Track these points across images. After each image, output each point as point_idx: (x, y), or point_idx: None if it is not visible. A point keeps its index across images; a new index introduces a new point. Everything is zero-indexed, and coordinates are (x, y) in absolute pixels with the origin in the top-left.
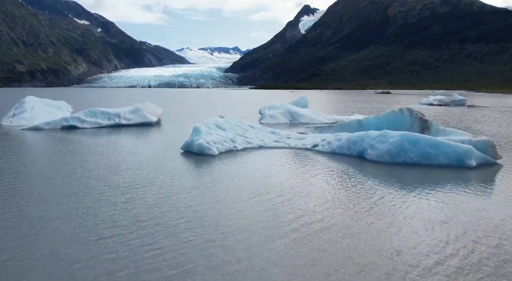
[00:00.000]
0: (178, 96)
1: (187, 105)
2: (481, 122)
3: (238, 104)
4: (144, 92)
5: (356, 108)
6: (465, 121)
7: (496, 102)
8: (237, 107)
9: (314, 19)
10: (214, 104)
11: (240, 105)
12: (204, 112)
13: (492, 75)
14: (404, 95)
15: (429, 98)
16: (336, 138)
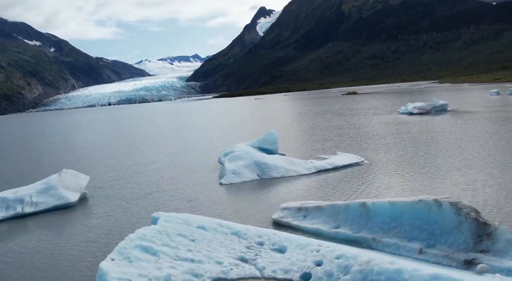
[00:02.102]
0: (127, 120)
1: (129, 146)
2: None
3: (195, 136)
4: (95, 116)
5: (333, 132)
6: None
7: (474, 101)
8: (192, 146)
9: (271, 20)
10: (164, 140)
11: (197, 138)
12: (149, 164)
13: (450, 62)
14: (372, 95)
15: (408, 106)
16: (340, 265)
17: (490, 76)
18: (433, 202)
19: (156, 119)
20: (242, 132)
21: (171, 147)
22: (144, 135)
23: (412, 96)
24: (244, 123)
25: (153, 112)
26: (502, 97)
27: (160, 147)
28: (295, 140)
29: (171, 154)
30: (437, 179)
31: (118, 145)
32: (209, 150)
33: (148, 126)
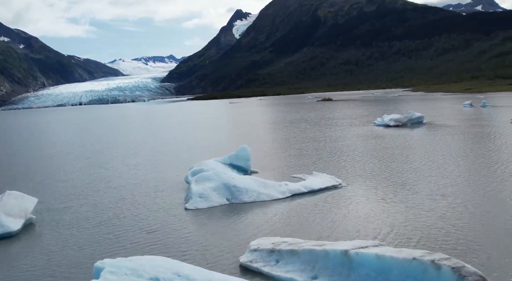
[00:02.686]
0: (96, 123)
1: (92, 156)
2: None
3: (164, 145)
4: (63, 117)
5: (309, 145)
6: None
7: (449, 112)
8: (161, 157)
9: (247, 23)
10: (132, 148)
11: (167, 148)
12: (111, 180)
13: (421, 70)
14: (347, 102)
15: (384, 118)
16: None
17: (461, 86)
18: (429, 262)
19: (127, 122)
20: (214, 142)
21: (138, 157)
22: (111, 142)
23: (387, 105)
24: (217, 131)
25: (125, 114)
26: (475, 109)
27: (127, 158)
28: (269, 155)
29: (137, 167)
30: (419, 208)
31: (80, 154)
32: (178, 163)
33: (116, 130)
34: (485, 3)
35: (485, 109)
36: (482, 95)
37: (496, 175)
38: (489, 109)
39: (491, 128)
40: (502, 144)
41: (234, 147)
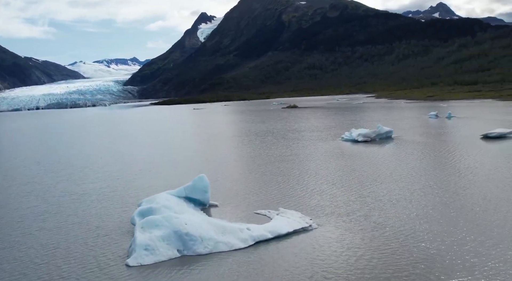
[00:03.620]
0: (47, 134)
1: (31, 181)
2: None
3: (115, 168)
4: (13, 124)
5: (275, 167)
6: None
7: (416, 124)
8: (109, 184)
9: (212, 26)
10: (78, 172)
11: (117, 172)
12: (47, 216)
13: (383, 75)
14: (313, 110)
15: (352, 133)
16: None
17: (423, 92)
18: None
19: (82, 132)
20: (172, 164)
21: (86, 182)
22: (58, 161)
23: (353, 114)
24: (177, 147)
25: (82, 121)
26: (441, 121)
27: (73, 183)
28: (232, 181)
29: (82, 197)
30: (399, 253)
31: (14, 180)
32: (129, 191)
33: (68, 144)
34: (442, 10)
35: (451, 121)
36: (444, 103)
37: (472, 206)
38: (455, 121)
39: (462, 146)
40: (478, 167)
41: (192, 172)
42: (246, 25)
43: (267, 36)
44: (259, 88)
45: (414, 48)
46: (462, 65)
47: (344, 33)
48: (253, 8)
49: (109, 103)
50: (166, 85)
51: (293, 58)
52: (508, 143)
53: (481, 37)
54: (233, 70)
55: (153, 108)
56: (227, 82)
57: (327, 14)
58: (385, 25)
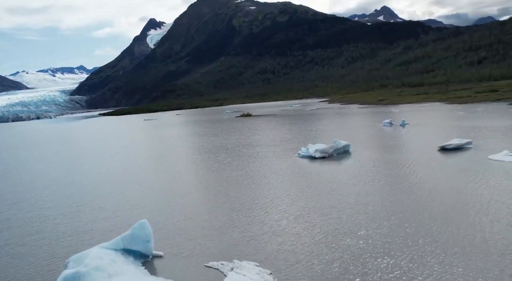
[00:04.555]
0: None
1: None
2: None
3: (43, 206)
4: None
5: (227, 195)
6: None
7: (371, 133)
8: (31, 237)
9: (162, 32)
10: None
11: (45, 213)
12: None
13: (334, 78)
14: (267, 119)
15: (309, 149)
16: None
17: (374, 96)
18: None
19: (13, 156)
20: (108, 203)
21: (5, 234)
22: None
23: (308, 124)
24: (116, 177)
25: (19, 141)
26: (396, 129)
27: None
28: (178, 224)
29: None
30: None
31: None
32: (55, 243)
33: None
34: (386, 13)
35: (405, 130)
36: (396, 107)
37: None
38: (409, 129)
39: (421, 160)
40: (439, 185)
41: (133, 211)
42: (197, 31)
43: (218, 41)
44: (212, 94)
45: (362, 51)
46: (408, 67)
47: (295, 37)
48: (202, 13)
49: (54, 114)
50: (116, 94)
51: (245, 63)
52: (465, 155)
53: (424, 39)
54: (185, 76)
55: (101, 120)
56: (180, 89)
57: (277, 19)
58: (334, 29)
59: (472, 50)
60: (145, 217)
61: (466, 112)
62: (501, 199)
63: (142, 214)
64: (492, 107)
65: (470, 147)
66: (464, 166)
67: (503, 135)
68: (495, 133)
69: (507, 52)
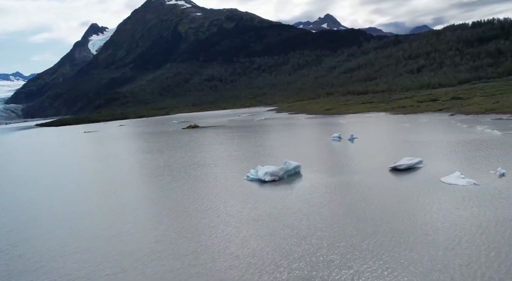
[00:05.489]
0: None
1: None
2: None
3: None
4: None
5: (169, 235)
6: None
7: (321, 148)
8: None
9: (104, 38)
10: None
11: None
12: None
13: (281, 85)
14: (215, 131)
15: (258, 171)
16: None
17: (321, 105)
18: None
19: None
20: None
21: None
22: None
23: (257, 136)
24: (38, 221)
25: None
26: (344, 144)
27: None
28: (109, 277)
29: None
30: None
31: None
32: None
33: None
34: (330, 21)
35: (354, 145)
36: (343, 118)
37: None
38: (359, 145)
39: (373, 182)
40: (394, 209)
41: (56, 266)
42: (141, 37)
43: (164, 48)
44: (158, 103)
45: (308, 58)
46: (352, 74)
47: (241, 44)
48: (147, 19)
49: None
50: (55, 102)
51: (192, 69)
52: (418, 177)
53: (366, 47)
54: (129, 83)
55: (36, 132)
56: (124, 97)
57: (224, 25)
58: (280, 36)
59: (411, 59)
60: (73, 263)
61: (412, 124)
62: (455, 227)
63: (71, 262)
64: (435, 118)
65: (421, 166)
66: (417, 190)
67: (451, 152)
68: (444, 149)
69: (443, 61)
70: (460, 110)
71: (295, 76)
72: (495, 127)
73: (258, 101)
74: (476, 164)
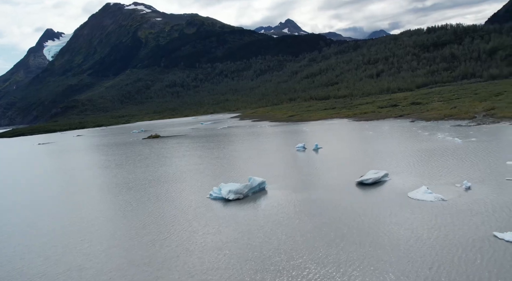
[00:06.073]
0: None
1: None
2: None
3: None
4: None
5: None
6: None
7: (286, 162)
8: None
9: (61, 44)
10: None
11: None
12: None
13: (244, 90)
14: (177, 141)
15: (222, 189)
16: None
17: (284, 111)
18: None
19: None
20: None
21: None
22: None
23: (220, 146)
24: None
25: None
26: (309, 154)
27: None
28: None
29: None
30: None
31: None
32: None
33: None
34: (290, 26)
35: (319, 156)
36: (306, 125)
37: None
38: (323, 155)
39: (340, 199)
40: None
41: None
42: (99, 42)
43: (124, 54)
44: (118, 110)
45: (270, 63)
46: (314, 79)
47: (203, 49)
48: (105, 24)
49: None
50: (8, 111)
51: (153, 75)
52: (384, 192)
53: (327, 52)
54: (88, 90)
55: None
56: (82, 105)
57: (184, 31)
58: (242, 41)
59: (370, 63)
60: None
61: (374, 132)
62: (431, 251)
63: None
64: (397, 124)
65: (387, 180)
66: (386, 208)
67: (416, 164)
68: (408, 160)
69: (401, 66)
70: (420, 116)
71: (258, 81)
72: (455, 134)
73: (221, 107)
74: (441, 177)
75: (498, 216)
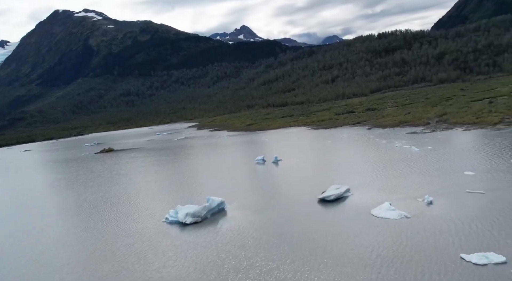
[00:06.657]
0: None
1: None
2: None
3: None
4: None
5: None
6: None
7: (245, 177)
8: None
9: (6, 52)
10: None
11: None
12: None
13: (201, 98)
14: (132, 155)
15: (179, 212)
16: None
17: (242, 119)
18: None
19: None
20: None
21: None
22: None
23: (177, 160)
24: None
25: None
26: (269, 168)
27: None
28: None
29: None
30: None
31: None
32: None
33: None
34: (246, 32)
35: (279, 169)
36: (265, 135)
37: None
38: (283, 168)
39: (301, 217)
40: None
41: None
42: (48, 51)
43: (74, 62)
44: (70, 121)
45: (227, 70)
46: (271, 86)
47: (158, 57)
48: (54, 32)
49: None
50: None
51: (106, 84)
52: (347, 210)
53: (283, 58)
54: (37, 101)
55: None
56: (31, 117)
57: (138, 38)
58: (197, 48)
59: (325, 69)
60: None
61: (333, 141)
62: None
63: None
64: (354, 132)
65: (349, 195)
66: (350, 228)
67: (377, 177)
68: (369, 173)
69: (355, 71)
70: (376, 123)
71: (215, 88)
72: (412, 142)
73: (178, 116)
74: (403, 191)
75: (462, 235)
